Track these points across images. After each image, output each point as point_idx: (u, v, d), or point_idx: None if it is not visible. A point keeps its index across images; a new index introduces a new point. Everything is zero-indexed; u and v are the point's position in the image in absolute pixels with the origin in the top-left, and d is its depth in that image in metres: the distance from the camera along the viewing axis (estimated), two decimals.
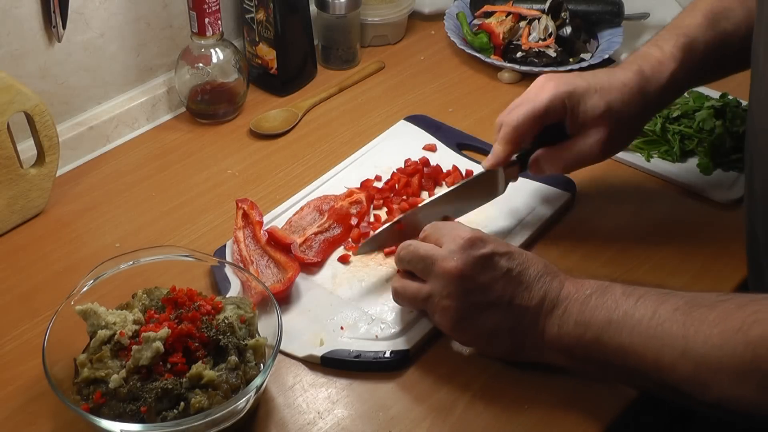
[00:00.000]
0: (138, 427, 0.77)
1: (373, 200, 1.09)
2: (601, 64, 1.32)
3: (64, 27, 1.11)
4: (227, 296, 0.92)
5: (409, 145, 1.18)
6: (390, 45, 1.43)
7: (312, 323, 0.94)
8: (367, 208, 1.08)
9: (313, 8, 1.34)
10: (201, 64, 1.23)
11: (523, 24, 1.37)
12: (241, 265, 0.99)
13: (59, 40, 1.12)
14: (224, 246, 1.03)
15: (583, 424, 0.84)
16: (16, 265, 1.04)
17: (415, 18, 1.47)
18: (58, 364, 0.83)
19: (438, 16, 1.46)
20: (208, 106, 1.25)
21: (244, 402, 0.80)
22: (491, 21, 1.38)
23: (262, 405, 0.87)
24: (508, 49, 1.36)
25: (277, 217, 1.07)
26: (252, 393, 0.80)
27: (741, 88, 1.07)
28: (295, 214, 1.07)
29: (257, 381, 0.80)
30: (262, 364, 0.84)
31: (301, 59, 1.32)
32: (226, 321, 0.84)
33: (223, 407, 0.77)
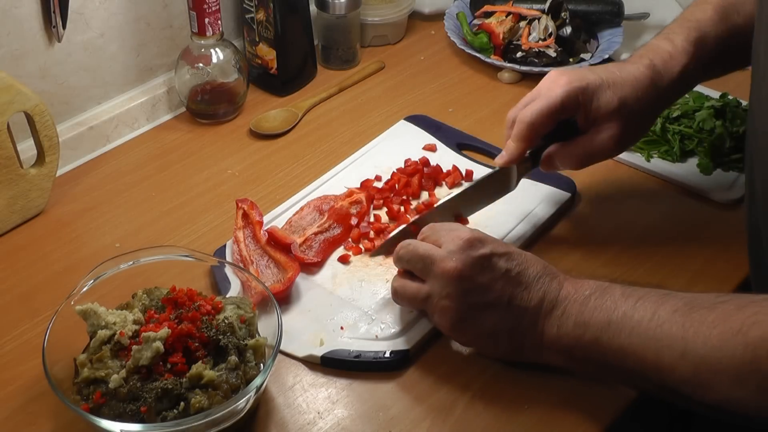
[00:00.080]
0: (138, 427, 0.77)
1: (373, 200, 1.09)
2: (601, 64, 1.32)
3: (64, 27, 1.11)
4: (227, 296, 0.92)
5: (409, 145, 1.18)
6: (390, 45, 1.43)
7: (312, 323, 0.94)
8: (367, 208, 1.08)
9: (313, 8, 1.34)
10: (201, 64, 1.23)
11: (523, 24, 1.37)
12: (241, 265, 0.99)
13: (59, 40, 1.12)
14: (224, 246, 1.03)
15: (583, 424, 0.84)
16: (16, 265, 1.04)
17: (415, 18, 1.47)
18: (58, 364, 0.83)
19: (438, 16, 1.46)
20: (208, 106, 1.25)
21: (244, 402, 0.80)
22: (491, 21, 1.38)
23: (262, 405, 0.87)
24: (508, 49, 1.36)
25: (277, 217, 1.07)
26: (252, 393, 0.80)
27: (741, 88, 1.07)
28: (295, 214, 1.07)
29: (257, 381, 0.80)
30: (262, 364, 0.84)
31: (301, 59, 1.32)
32: (226, 321, 0.84)
33: (223, 407, 0.77)
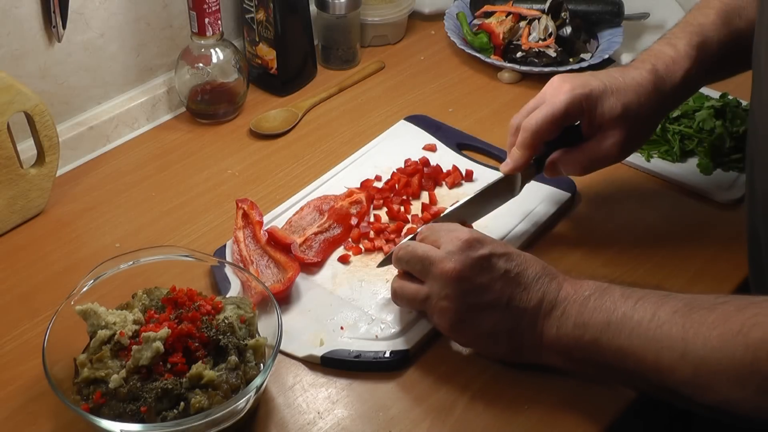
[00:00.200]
0: (138, 427, 0.77)
1: (373, 200, 1.09)
2: (601, 64, 1.32)
3: (64, 27, 1.11)
4: (227, 296, 0.92)
5: (409, 145, 1.18)
6: (390, 45, 1.43)
7: (312, 323, 0.94)
8: (367, 208, 1.08)
9: (313, 8, 1.34)
10: (201, 64, 1.23)
11: (523, 24, 1.37)
12: (241, 265, 0.99)
13: (59, 40, 1.12)
14: (224, 246, 1.03)
15: (583, 425, 0.84)
16: (16, 265, 1.04)
17: (415, 18, 1.47)
18: (58, 364, 0.83)
19: (438, 16, 1.46)
20: (208, 106, 1.25)
21: (244, 402, 0.80)
22: (491, 21, 1.38)
23: (262, 405, 0.87)
24: (508, 49, 1.36)
25: (277, 217, 1.07)
26: (252, 393, 0.80)
27: (741, 88, 1.07)
28: (295, 214, 1.07)
29: (257, 381, 0.80)
30: (262, 364, 0.84)
31: (301, 59, 1.32)
32: (226, 321, 0.84)
33: (223, 407, 0.77)
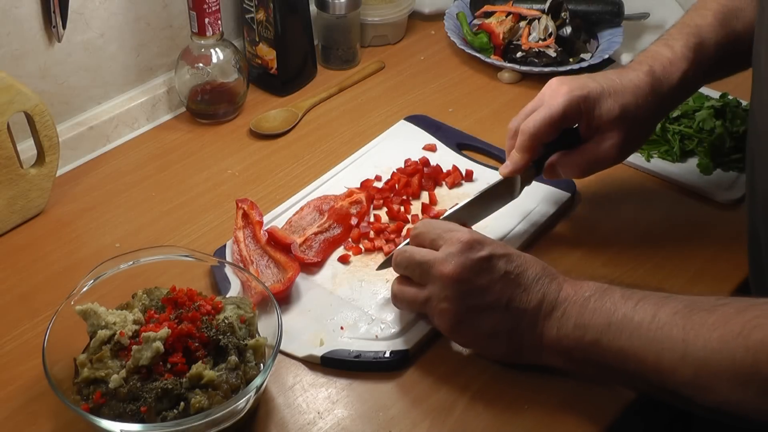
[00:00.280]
0: (138, 427, 0.77)
1: (373, 200, 1.09)
2: (601, 64, 1.32)
3: (64, 27, 1.11)
4: (227, 296, 0.92)
5: (409, 145, 1.18)
6: (390, 45, 1.43)
7: (312, 323, 0.94)
8: (367, 208, 1.08)
9: (313, 8, 1.34)
10: (201, 64, 1.23)
11: (523, 24, 1.37)
12: (241, 265, 0.99)
13: (59, 40, 1.12)
14: (224, 246, 1.03)
15: (583, 425, 0.84)
16: (16, 265, 1.03)
17: (415, 18, 1.47)
18: (58, 364, 0.83)
19: (438, 16, 1.46)
20: (208, 106, 1.25)
21: (244, 402, 0.80)
22: (491, 21, 1.38)
23: (262, 405, 0.87)
24: (508, 49, 1.36)
25: (277, 217, 1.07)
26: (252, 393, 0.80)
27: (741, 88, 1.07)
28: (295, 214, 1.07)
29: (257, 381, 0.80)
30: (262, 364, 0.84)
31: (301, 59, 1.32)
32: (226, 321, 0.84)
33: (223, 407, 0.77)
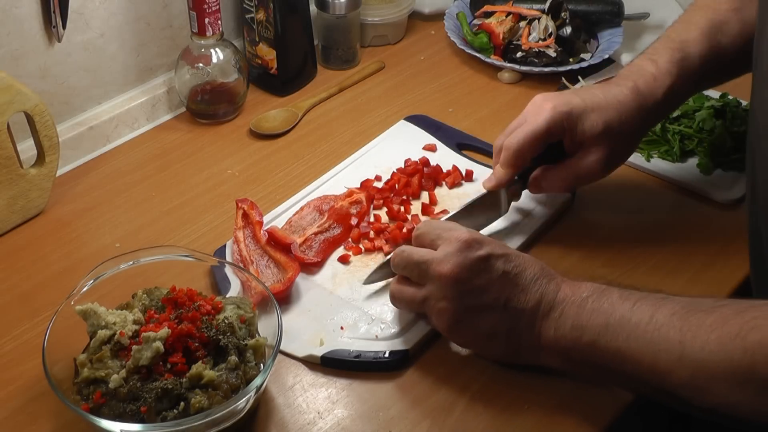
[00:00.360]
0: (138, 427, 0.77)
1: (373, 200, 1.09)
2: (601, 64, 1.32)
3: (64, 27, 1.11)
4: (227, 296, 0.92)
5: (409, 145, 1.18)
6: (390, 45, 1.43)
7: (312, 323, 0.94)
8: (367, 208, 1.08)
9: (313, 8, 1.34)
10: (201, 64, 1.23)
11: (523, 24, 1.37)
12: (241, 265, 0.99)
13: (59, 40, 1.12)
14: (224, 246, 1.03)
15: (582, 426, 0.84)
16: (16, 265, 1.04)
17: (415, 18, 1.47)
18: (58, 364, 0.83)
19: (438, 16, 1.46)
20: (208, 106, 1.25)
21: (244, 402, 0.80)
22: (491, 21, 1.38)
23: (262, 405, 0.87)
24: (508, 49, 1.36)
25: (277, 217, 1.07)
26: (252, 393, 0.80)
27: (741, 88, 1.07)
28: (295, 214, 1.07)
29: (257, 381, 0.80)
30: (262, 364, 0.84)
31: (301, 59, 1.32)
32: (226, 321, 0.84)
33: (223, 407, 0.77)
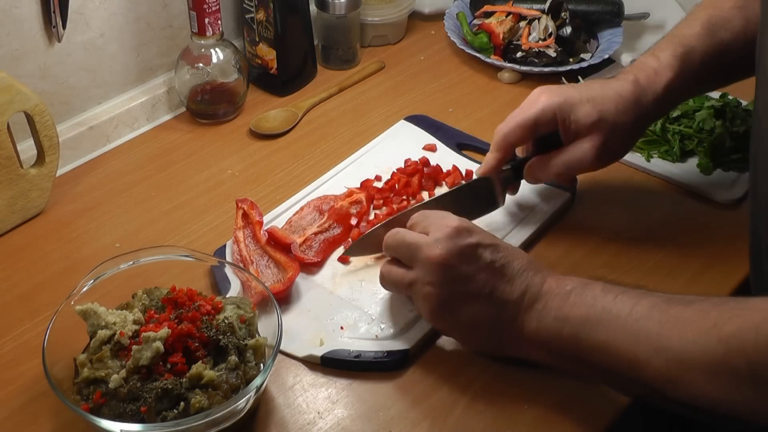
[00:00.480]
0: (138, 427, 0.77)
1: (373, 200, 1.09)
2: (601, 64, 1.32)
3: (64, 27, 1.11)
4: (227, 296, 0.92)
5: (409, 145, 1.18)
6: (390, 45, 1.43)
7: (312, 323, 0.94)
8: (367, 208, 1.08)
9: (313, 8, 1.34)
10: (201, 64, 1.23)
11: (523, 24, 1.37)
12: (241, 265, 0.99)
13: (59, 40, 1.12)
14: (224, 246, 1.03)
15: (582, 425, 0.84)
16: (16, 265, 1.03)
17: (415, 18, 1.47)
18: (58, 364, 0.83)
19: (438, 16, 1.46)
20: (208, 106, 1.25)
21: (244, 402, 0.80)
22: (491, 21, 1.38)
23: (262, 405, 0.87)
24: (508, 49, 1.36)
25: (277, 217, 1.07)
26: (252, 393, 0.80)
27: (741, 88, 1.07)
28: (295, 214, 1.07)
29: (257, 381, 0.80)
30: (262, 364, 0.84)
31: (301, 59, 1.32)
32: (226, 321, 0.84)
33: (223, 407, 0.77)
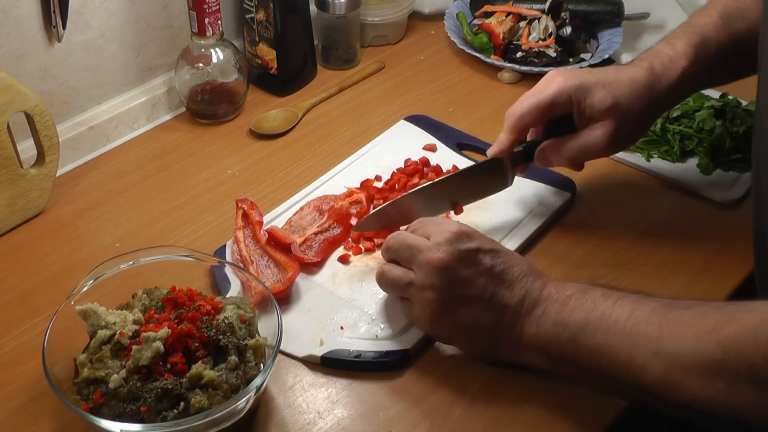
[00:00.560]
0: (138, 427, 0.77)
1: (373, 200, 1.09)
2: (601, 65, 1.31)
3: (64, 27, 1.11)
4: (227, 296, 0.92)
5: (409, 145, 1.18)
6: (390, 45, 1.43)
7: (312, 323, 0.94)
8: (367, 208, 1.08)
9: (313, 8, 1.34)
10: (201, 64, 1.23)
11: (523, 24, 1.37)
12: (241, 265, 0.99)
13: (59, 40, 1.12)
14: (224, 246, 1.03)
15: (582, 426, 0.84)
16: (16, 265, 1.04)
17: (415, 18, 1.47)
18: (58, 364, 0.83)
19: (438, 16, 1.46)
20: (208, 106, 1.25)
21: (244, 402, 0.80)
22: (491, 21, 1.38)
23: (262, 405, 0.87)
24: (508, 49, 1.36)
25: (277, 217, 1.07)
26: (252, 393, 0.80)
27: (741, 88, 1.07)
28: (295, 214, 1.07)
29: (257, 381, 0.80)
30: (262, 364, 0.84)
31: (301, 59, 1.32)
32: (226, 321, 0.84)
33: (223, 407, 0.77)
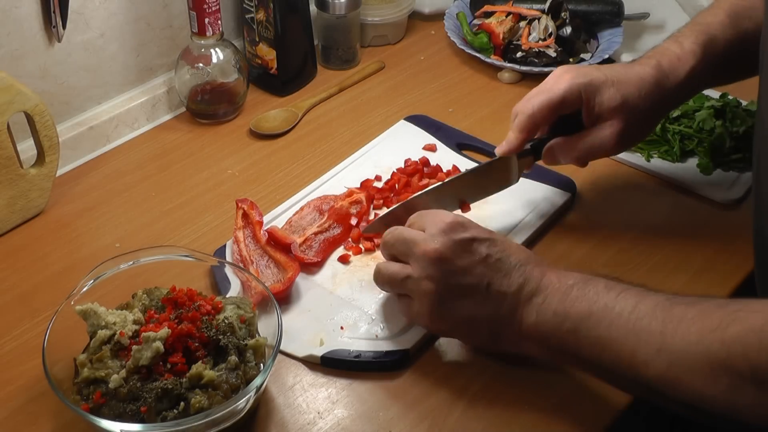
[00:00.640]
0: (138, 427, 0.77)
1: (373, 200, 1.09)
2: (601, 65, 1.32)
3: (64, 27, 1.11)
4: (227, 296, 0.92)
5: (409, 145, 1.18)
6: (390, 45, 1.43)
7: (312, 323, 0.94)
8: (367, 208, 1.08)
9: (313, 8, 1.34)
10: (201, 64, 1.23)
11: (523, 24, 1.37)
12: (241, 265, 0.99)
13: (59, 40, 1.12)
14: (224, 246, 1.03)
15: (582, 426, 0.84)
16: (16, 265, 1.04)
17: (415, 18, 1.47)
18: (58, 364, 0.83)
19: (438, 16, 1.46)
20: (208, 106, 1.25)
21: (244, 402, 0.80)
22: (491, 21, 1.38)
23: (262, 405, 0.87)
24: (508, 49, 1.36)
25: (277, 217, 1.07)
26: (252, 393, 0.80)
27: (741, 88, 1.07)
28: (295, 214, 1.07)
29: (257, 381, 0.80)
30: (262, 364, 0.84)
31: (301, 59, 1.32)
32: (226, 321, 0.84)
33: (223, 407, 0.77)
